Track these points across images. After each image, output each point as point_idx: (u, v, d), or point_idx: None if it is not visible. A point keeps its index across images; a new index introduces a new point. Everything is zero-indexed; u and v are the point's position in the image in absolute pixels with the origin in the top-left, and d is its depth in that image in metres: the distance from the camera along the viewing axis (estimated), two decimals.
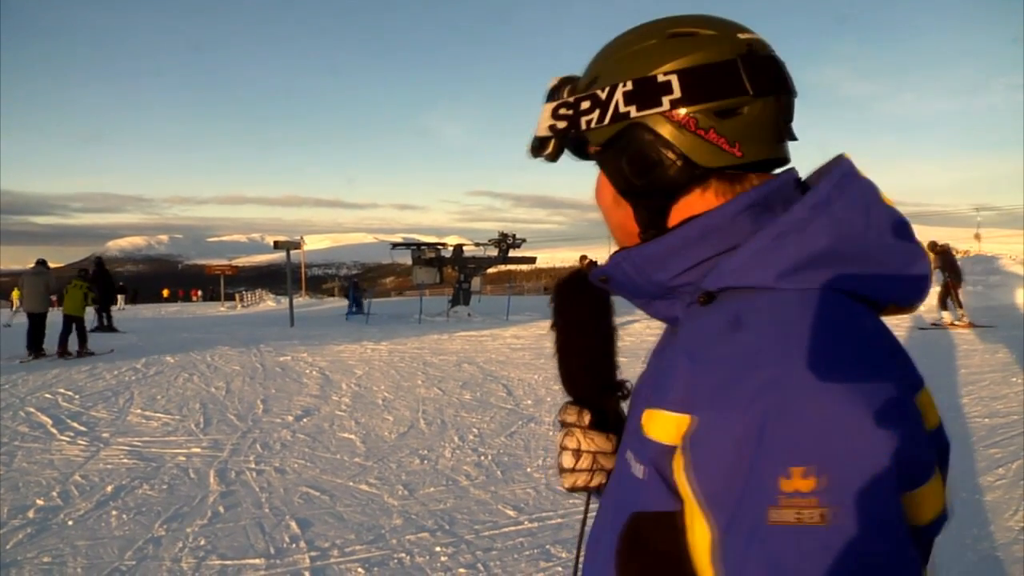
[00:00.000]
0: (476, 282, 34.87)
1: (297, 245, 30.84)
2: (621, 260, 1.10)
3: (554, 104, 1.15)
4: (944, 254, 20.52)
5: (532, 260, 37.19)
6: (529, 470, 6.95)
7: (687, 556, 0.92)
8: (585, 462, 1.32)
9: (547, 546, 5.15)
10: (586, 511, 1.35)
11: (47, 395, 11.20)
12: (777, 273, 0.95)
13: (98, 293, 21.09)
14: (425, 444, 8.04)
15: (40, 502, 6.14)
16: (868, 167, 1.04)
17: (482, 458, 7.40)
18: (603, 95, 1.08)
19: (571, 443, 1.34)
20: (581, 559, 1.25)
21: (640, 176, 1.07)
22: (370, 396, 10.99)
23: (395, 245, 39.38)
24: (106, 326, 23.18)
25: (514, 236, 35.09)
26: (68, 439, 8.38)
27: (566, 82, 1.17)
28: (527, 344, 17.95)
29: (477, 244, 36.74)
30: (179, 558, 4.99)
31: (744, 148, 1.02)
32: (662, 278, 1.07)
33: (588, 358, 1.37)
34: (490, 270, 37.23)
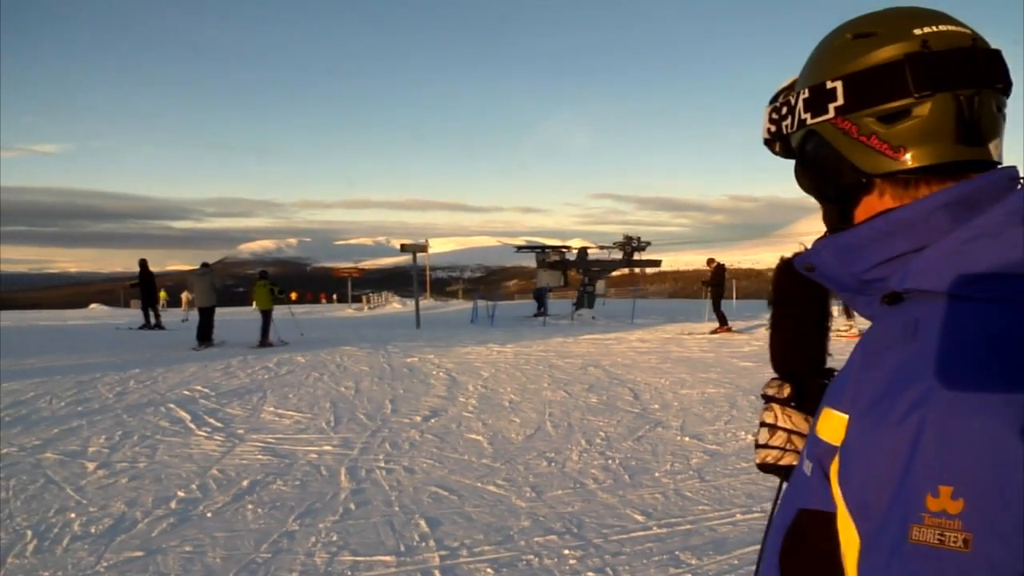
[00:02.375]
0: (600, 285, 34.76)
1: (423, 248, 31.26)
2: (822, 247, 1.09)
3: (770, 108, 1.18)
4: (717, 269, 21.84)
5: (657, 263, 36.82)
6: (657, 475, 6.85)
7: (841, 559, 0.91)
8: (779, 439, 1.33)
9: (676, 552, 5.05)
10: (777, 496, 1.30)
11: (185, 392, 11.61)
12: (964, 279, 0.88)
13: (142, 293, 24.12)
14: (552, 447, 8.01)
15: (181, 494, 6.35)
16: None
17: (609, 462, 7.33)
18: (794, 102, 1.11)
19: (768, 417, 1.36)
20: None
21: (816, 180, 1.10)
22: (496, 398, 11.04)
23: (519, 248, 39.58)
24: (153, 325, 24.81)
25: (639, 239, 34.86)
26: (205, 434, 8.66)
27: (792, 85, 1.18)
28: (653, 348, 17.76)
29: (601, 247, 36.63)
30: (312, 552, 5.08)
31: (913, 153, 0.99)
32: (857, 270, 1.04)
33: (796, 335, 1.37)
34: (613, 273, 37.07)
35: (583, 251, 36.04)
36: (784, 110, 1.13)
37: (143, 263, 24.60)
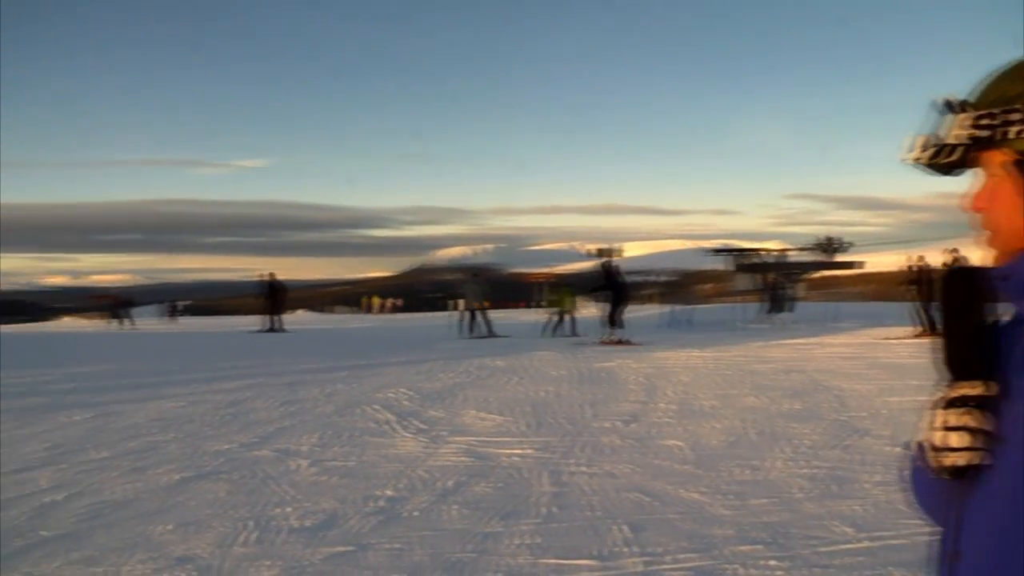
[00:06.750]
0: (799, 288, 33.72)
1: (617, 252, 31.19)
2: None
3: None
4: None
5: (860, 265, 35.34)
6: (867, 486, 6.55)
7: None
8: (979, 441, 1.26)
9: (888, 567, 4.81)
10: (964, 497, 1.26)
11: (390, 394, 12.00)
12: None
13: (270, 303, 28.34)
14: (754, 454, 7.81)
15: (388, 492, 6.57)
16: None
17: (815, 471, 7.08)
18: None
19: (971, 421, 1.27)
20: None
21: None
22: (695, 403, 10.87)
23: (714, 251, 38.87)
24: (270, 328, 28.03)
25: (840, 239, 33.63)
26: (410, 435, 8.93)
27: (954, 100, 1.22)
28: (857, 353, 17.06)
29: (800, 249, 35.52)
30: (515, 554, 5.14)
31: None
32: None
33: (978, 337, 1.31)
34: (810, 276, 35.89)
35: (780, 253, 35.08)
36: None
37: (271, 276, 28.94)
